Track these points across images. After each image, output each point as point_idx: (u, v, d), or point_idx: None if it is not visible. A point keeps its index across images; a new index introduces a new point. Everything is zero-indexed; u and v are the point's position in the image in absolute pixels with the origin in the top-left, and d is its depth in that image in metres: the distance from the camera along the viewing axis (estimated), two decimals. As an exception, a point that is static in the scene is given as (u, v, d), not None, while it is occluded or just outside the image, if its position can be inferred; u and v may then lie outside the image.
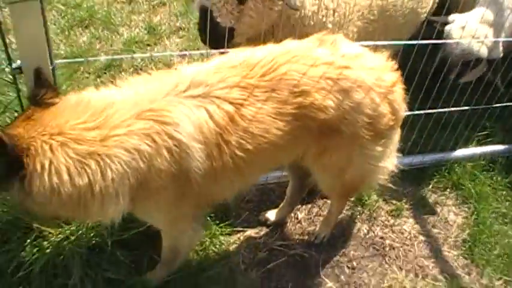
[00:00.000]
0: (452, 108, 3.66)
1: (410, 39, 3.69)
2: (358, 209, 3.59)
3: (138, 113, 2.02)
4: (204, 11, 2.98)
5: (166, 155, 2.03)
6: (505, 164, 4.03)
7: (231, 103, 2.14)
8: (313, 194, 3.54)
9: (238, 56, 2.31)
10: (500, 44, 3.55)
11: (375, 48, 2.67)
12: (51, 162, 1.89)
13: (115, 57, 4.20)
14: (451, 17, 3.61)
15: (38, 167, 1.89)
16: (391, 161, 2.83)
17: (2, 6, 2.44)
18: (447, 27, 3.61)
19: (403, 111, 2.64)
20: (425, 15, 3.86)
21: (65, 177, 1.90)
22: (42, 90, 2.06)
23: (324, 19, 3.23)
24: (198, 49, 4.41)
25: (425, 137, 3.74)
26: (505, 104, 3.86)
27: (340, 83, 2.31)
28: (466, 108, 3.70)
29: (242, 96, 2.17)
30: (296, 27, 3.08)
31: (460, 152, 4.01)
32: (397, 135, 2.77)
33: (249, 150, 2.20)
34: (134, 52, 4.36)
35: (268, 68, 2.24)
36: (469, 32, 3.47)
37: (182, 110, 2.07)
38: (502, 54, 3.54)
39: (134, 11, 4.93)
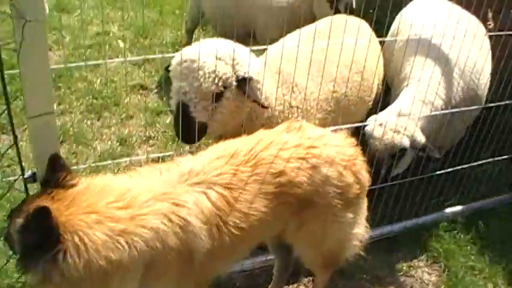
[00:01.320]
0: (409, 179, 4.06)
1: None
2: (341, 281, 3.86)
3: (155, 196, 2.29)
4: (180, 106, 3.17)
5: (177, 234, 2.28)
6: (464, 223, 4.45)
7: (225, 187, 2.48)
8: (298, 275, 3.81)
9: (224, 147, 2.70)
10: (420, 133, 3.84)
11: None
12: (89, 238, 2.04)
13: (97, 164, 4.44)
14: (370, 118, 3.90)
15: (77, 241, 2.02)
16: (362, 227, 3.16)
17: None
18: (367, 128, 3.84)
19: (367, 181, 3.02)
20: (371, 102, 4.29)
21: (101, 252, 2.05)
22: (63, 172, 2.24)
23: (290, 116, 3.56)
24: (169, 155, 4.67)
25: (391, 208, 4.12)
26: (445, 171, 4.29)
27: (310, 160, 2.71)
28: (421, 177, 4.13)
29: (233, 181, 2.52)
30: (265, 126, 3.25)
31: (424, 218, 4.41)
32: (364, 203, 3.12)
33: (243, 229, 2.51)
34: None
35: (249, 156, 2.63)
36: (389, 127, 3.76)
37: (188, 195, 2.39)
38: (424, 140, 3.82)
39: (104, 126, 5.22)
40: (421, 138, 3.81)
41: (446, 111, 4.01)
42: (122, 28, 7.00)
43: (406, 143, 3.76)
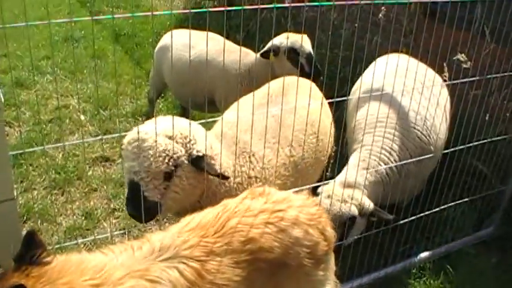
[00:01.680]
0: (374, 230, 4.13)
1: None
2: None
3: (129, 273, 2.29)
4: (132, 185, 3.18)
5: None
6: (433, 268, 4.52)
7: (196, 261, 2.49)
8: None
9: (192, 220, 2.72)
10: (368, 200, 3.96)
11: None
12: None
13: (62, 244, 4.38)
14: (319, 189, 4.01)
15: None
16: (332, 283, 3.19)
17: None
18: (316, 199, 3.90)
19: (333, 236, 3.07)
20: (326, 160, 4.42)
21: None
22: (38, 250, 2.19)
23: (249, 187, 3.54)
24: (135, 226, 4.72)
25: (360, 260, 4.14)
26: (409, 219, 4.37)
27: (277, 224, 2.74)
28: (386, 227, 4.17)
29: (204, 253, 2.53)
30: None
31: (393, 267, 4.45)
32: (332, 259, 3.15)
33: None
34: (77, 239, 4.55)
35: (218, 226, 2.65)
36: (336, 197, 3.87)
37: (159, 270, 2.38)
38: (372, 206, 3.95)
39: (68, 201, 5.18)
40: (369, 205, 3.93)
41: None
42: (81, 101, 7.05)
43: (355, 211, 3.87)
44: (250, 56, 5.39)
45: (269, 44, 5.18)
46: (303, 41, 4.96)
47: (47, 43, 8.78)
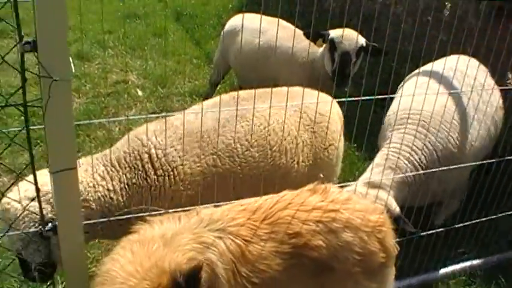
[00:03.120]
0: (428, 232, 4.02)
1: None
2: None
3: (193, 237, 2.41)
4: (17, 256, 3.02)
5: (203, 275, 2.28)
6: (483, 276, 4.37)
7: (242, 239, 2.50)
8: None
9: (246, 202, 2.72)
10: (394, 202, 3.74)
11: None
12: None
13: None
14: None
15: None
16: None
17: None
18: None
19: (394, 249, 2.90)
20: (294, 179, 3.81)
21: None
22: None
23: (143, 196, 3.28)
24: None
25: (409, 262, 4.04)
26: (467, 223, 4.20)
27: (329, 225, 2.65)
28: (441, 230, 4.08)
29: (249, 234, 2.53)
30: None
31: (442, 271, 4.33)
32: (391, 273, 2.98)
33: (256, 284, 2.49)
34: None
35: (268, 213, 2.63)
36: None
37: (210, 238, 2.44)
38: (398, 210, 3.71)
39: None
40: (395, 207, 3.71)
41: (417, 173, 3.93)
42: (141, 77, 7.13)
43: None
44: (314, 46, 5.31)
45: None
46: (346, 37, 4.81)
47: (110, 18, 8.93)
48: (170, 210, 2.73)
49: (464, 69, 4.19)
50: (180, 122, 3.34)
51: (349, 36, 4.81)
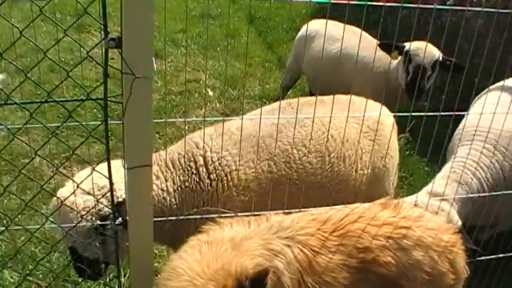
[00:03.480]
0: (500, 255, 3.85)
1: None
2: None
3: (262, 243, 2.40)
4: (71, 251, 3.03)
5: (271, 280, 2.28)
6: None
7: (310, 249, 2.47)
8: None
9: (316, 212, 2.70)
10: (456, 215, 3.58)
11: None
12: None
13: None
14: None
15: None
16: None
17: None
18: None
19: (464, 272, 2.80)
20: (357, 189, 3.71)
21: None
22: None
23: (196, 200, 3.25)
24: None
25: (477, 284, 3.89)
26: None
27: (399, 241, 2.58)
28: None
29: (318, 244, 2.49)
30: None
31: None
32: None
33: None
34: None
35: (338, 225, 2.58)
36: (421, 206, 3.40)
37: (278, 246, 2.43)
38: (460, 223, 3.54)
39: None
40: (457, 221, 3.53)
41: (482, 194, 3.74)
42: (212, 77, 7.20)
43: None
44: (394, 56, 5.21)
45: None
46: (422, 50, 4.71)
47: (184, 17, 9.07)
48: (240, 214, 2.71)
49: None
50: (236, 127, 3.34)
51: (425, 49, 4.69)
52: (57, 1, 8.14)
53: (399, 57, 4.99)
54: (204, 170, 3.24)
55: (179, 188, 3.22)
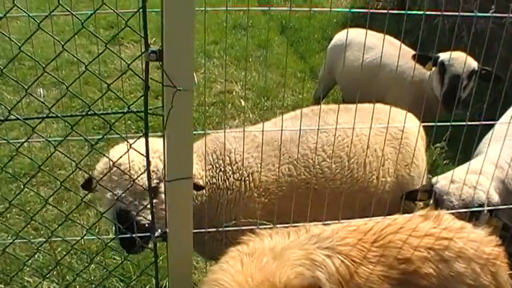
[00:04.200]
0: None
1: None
2: None
3: (303, 254, 2.41)
4: (121, 214, 2.89)
5: None
6: None
7: (351, 260, 2.45)
8: None
9: (356, 222, 2.69)
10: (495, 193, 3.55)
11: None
12: None
13: None
14: (439, 177, 3.62)
15: None
16: None
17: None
18: (439, 185, 3.51)
19: (508, 285, 2.74)
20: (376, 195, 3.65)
21: None
22: None
23: (218, 198, 3.31)
24: None
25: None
26: None
27: (441, 253, 2.55)
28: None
29: (359, 255, 2.48)
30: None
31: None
32: None
33: None
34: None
35: (378, 235, 2.57)
36: (459, 181, 3.45)
37: (320, 257, 2.42)
38: (498, 199, 3.52)
39: None
40: (495, 197, 3.50)
41: None
42: (245, 88, 7.22)
43: (483, 198, 3.44)
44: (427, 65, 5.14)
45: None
46: (457, 60, 4.67)
47: (216, 29, 9.13)
48: (278, 226, 2.71)
49: None
50: (259, 132, 3.38)
51: (460, 59, 4.65)
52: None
53: (433, 68, 4.93)
54: (230, 168, 3.32)
55: (208, 183, 3.28)
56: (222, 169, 3.32)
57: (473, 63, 4.74)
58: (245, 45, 8.66)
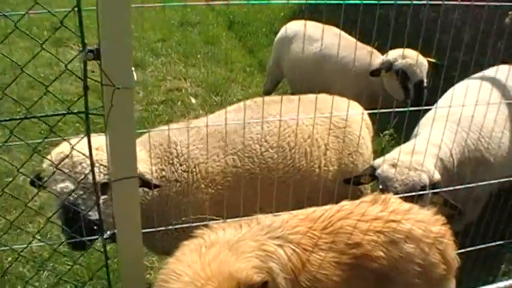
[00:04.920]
0: (489, 244, 3.86)
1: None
2: None
3: (256, 245, 2.43)
4: (68, 208, 2.80)
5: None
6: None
7: (303, 249, 2.49)
8: None
9: (304, 212, 2.70)
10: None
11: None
12: None
13: None
14: (377, 161, 3.65)
15: None
16: None
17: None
18: (380, 171, 3.52)
19: (455, 261, 2.83)
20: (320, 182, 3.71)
21: None
22: None
23: (168, 191, 3.29)
24: None
25: (469, 273, 3.89)
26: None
27: (390, 235, 2.60)
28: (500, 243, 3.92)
29: (310, 243, 2.52)
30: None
31: (501, 284, 4.11)
32: (451, 286, 2.90)
33: None
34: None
35: (328, 222, 2.60)
36: (404, 165, 3.47)
37: (272, 247, 2.45)
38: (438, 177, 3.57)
39: None
40: (437, 175, 3.55)
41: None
42: (194, 85, 7.18)
43: (425, 180, 3.47)
44: (376, 57, 5.20)
45: (383, 58, 5.04)
46: (417, 65, 4.80)
47: (163, 26, 9.05)
48: (229, 220, 2.71)
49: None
50: (203, 124, 3.41)
51: (419, 63, 4.77)
52: (33, 16, 8.10)
53: (381, 57, 5.02)
54: (177, 160, 3.33)
55: (158, 177, 3.27)
56: (170, 161, 3.33)
57: (424, 60, 4.87)
58: (193, 42, 8.62)
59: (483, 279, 4.07)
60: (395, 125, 4.91)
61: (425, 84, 4.87)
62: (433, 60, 4.82)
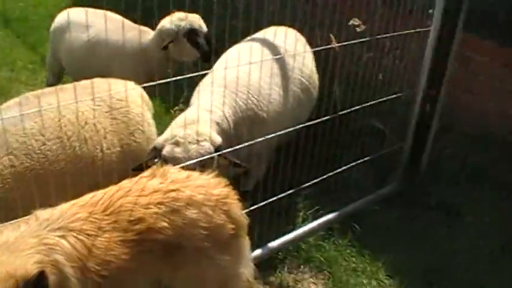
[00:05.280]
0: (279, 196, 4.16)
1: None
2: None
3: (36, 241, 2.38)
4: None
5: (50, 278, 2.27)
6: (340, 228, 4.66)
7: (86, 234, 2.48)
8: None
9: (82, 199, 2.68)
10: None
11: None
12: None
13: None
14: (157, 142, 3.70)
15: None
16: (247, 266, 3.08)
17: None
18: (165, 153, 3.59)
19: (243, 219, 2.98)
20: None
21: None
22: None
23: None
24: None
25: (268, 227, 4.16)
26: (313, 182, 4.50)
27: (171, 205, 2.67)
28: (289, 192, 4.28)
29: (93, 228, 2.52)
30: None
31: (301, 230, 4.51)
32: (245, 242, 3.05)
33: (106, 276, 2.49)
34: None
35: (108, 203, 2.61)
36: (183, 140, 3.58)
37: (53, 239, 2.42)
38: (220, 140, 3.73)
39: None
40: (218, 139, 3.71)
41: None
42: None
43: (211, 148, 3.62)
44: (148, 34, 5.22)
45: (158, 27, 5.10)
46: (198, 20, 4.99)
47: None
48: (7, 223, 2.60)
49: (275, 38, 4.46)
50: None
51: (197, 17, 4.99)
52: None
53: (152, 32, 5.09)
54: None
55: None
56: None
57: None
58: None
59: (283, 229, 4.41)
60: (185, 101, 5.02)
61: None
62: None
